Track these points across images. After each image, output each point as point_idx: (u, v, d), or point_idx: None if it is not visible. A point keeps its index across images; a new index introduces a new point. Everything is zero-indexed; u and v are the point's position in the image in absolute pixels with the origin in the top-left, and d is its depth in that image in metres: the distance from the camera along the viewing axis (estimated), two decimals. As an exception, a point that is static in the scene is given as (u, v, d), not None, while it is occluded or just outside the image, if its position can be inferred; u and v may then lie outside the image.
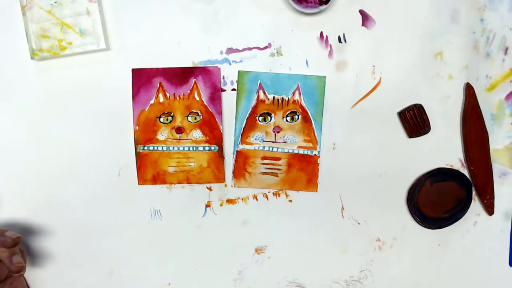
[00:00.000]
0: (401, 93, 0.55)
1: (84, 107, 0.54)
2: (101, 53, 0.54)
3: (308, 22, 0.54)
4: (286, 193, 0.56)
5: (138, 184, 0.55)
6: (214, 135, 0.55)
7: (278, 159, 0.55)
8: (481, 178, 0.56)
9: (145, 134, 0.55)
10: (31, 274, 0.56)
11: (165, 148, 0.55)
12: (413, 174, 0.56)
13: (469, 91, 0.55)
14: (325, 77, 0.54)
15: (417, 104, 0.54)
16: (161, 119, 0.54)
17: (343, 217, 0.57)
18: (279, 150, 0.55)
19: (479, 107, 0.55)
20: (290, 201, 0.57)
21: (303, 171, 0.56)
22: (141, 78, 0.54)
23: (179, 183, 0.56)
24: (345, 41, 0.54)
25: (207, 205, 0.56)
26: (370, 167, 0.56)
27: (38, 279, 0.57)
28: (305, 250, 0.57)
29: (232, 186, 0.56)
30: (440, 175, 0.55)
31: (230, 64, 0.54)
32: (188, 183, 0.56)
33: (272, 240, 0.57)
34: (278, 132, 0.55)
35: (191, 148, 0.55)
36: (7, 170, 0.55)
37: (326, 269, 0.58)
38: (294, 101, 0.55)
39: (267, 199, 0.56)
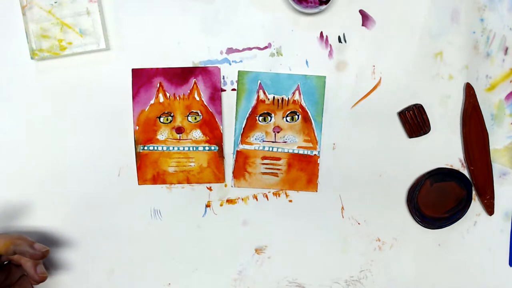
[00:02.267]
0: (401, 93, 0.55)
1: (84, 107, 0.54)
2: (101, 53, 0.54)
3: (308, 22, 0.54)
4: (286, 193, 0.56)
5: (138, 184, 0.55)
6: (214, 135, 0.55)
7: (278, 159, 0.55)
8: (481, 178, 0.56)
9: (145, 134, 0.55)
10: (31, 274, 0.56)
11: (165, 148, 0.55)
12: (413, 174, 0.56)
13: (469, 91, 0.55)
14: (325, 77, 0.54)
15: (417, 104, 0.54)
16: (161, 119, 0.54)
17: (343, 217, 0.57)
18: (279, 150, 0.55)
19: (479, 107, 0.55)
20: (290, 201, 0.56)
21: (303, 171, 0.56)
22: (141, 78, 0.54)
23: (179, 183, 0.56)
24: (345, 41, 0.54)
25: (207, 205, 0.56)
26: (370, 167, 0.56)
27: (38, 279, 0.57)
28: (305, 250, 0.57)
29: (232, 186, 0.56)
30: (440, 175, 0.55)
31: (230, 64, 0.54)
32: (188, 183, 0.56)
33: (272, 240, 0.57)
34: (278, 132, 0.55)
35: (191, 148, 0.55)
36: (6, 170, 0.55)
37: (326, 269, 0.58)
38: (294, 101, 0.55)
39: (267, 199, 0.56)
